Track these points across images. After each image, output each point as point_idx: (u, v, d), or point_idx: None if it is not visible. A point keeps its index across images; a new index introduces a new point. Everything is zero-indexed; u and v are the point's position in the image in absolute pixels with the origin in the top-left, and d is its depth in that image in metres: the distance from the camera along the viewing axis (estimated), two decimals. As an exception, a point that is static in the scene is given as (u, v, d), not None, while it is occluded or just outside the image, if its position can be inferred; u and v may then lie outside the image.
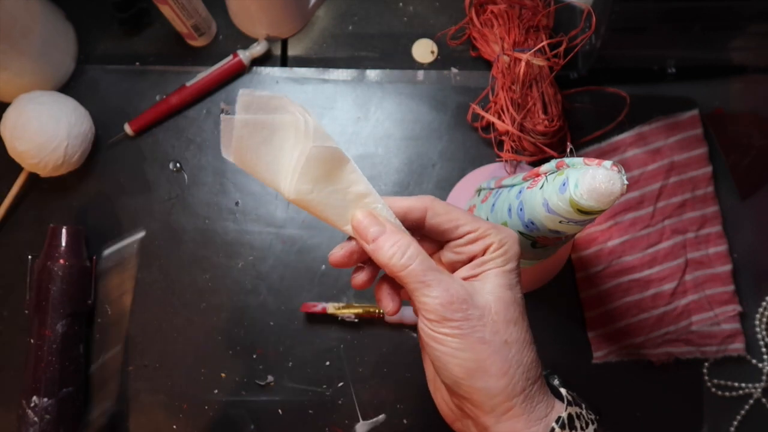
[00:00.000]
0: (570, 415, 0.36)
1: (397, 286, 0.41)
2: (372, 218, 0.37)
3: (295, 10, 0.68)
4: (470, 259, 0.39)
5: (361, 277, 0.40)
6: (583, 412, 0.37)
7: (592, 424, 0.37)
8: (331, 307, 0.63)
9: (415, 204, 0.38)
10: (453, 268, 0.40)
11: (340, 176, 0.36)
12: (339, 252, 0.39)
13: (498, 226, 0.39)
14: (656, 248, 0.64)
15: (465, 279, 0.38)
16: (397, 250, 0.36)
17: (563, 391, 0.38)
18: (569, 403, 0.37)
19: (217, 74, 0.67)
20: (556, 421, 0.36)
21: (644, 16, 0.61)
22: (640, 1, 0.58)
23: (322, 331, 0.64)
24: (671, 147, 0.65)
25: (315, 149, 0.34)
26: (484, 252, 0.38)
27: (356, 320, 0.63)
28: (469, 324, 0.35)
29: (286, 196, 0.36)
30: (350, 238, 0.39)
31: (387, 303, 0.40)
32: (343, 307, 0.63)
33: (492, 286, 0.37)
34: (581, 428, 0.36)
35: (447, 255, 0.40)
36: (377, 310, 0.62)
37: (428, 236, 0.40)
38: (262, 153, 0.35)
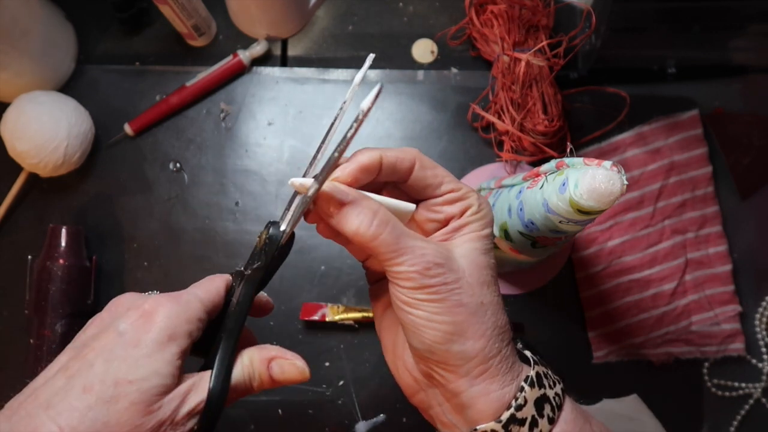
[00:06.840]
0: (538, 374, 0.36)
1: None
2: (334, 189, 0.35)
3: (295, 10, 0.68)
4: (447, 220, 0.38)
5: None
6: (550, 372, 0.38)
7: (559, 383, 0.37)
8: (330, 314, 0.63)
9: (404, 155, 0.37)
10: (425, 228, 0.39)
11: None
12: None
13: (477, 193, 0.38)
14: (656, 248, 0.64)
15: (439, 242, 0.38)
16: (364, 218, 0.34)
17: (527, 353, 0.38)
18: (536, 363, 0.37)
19: (217, 74, 0.67)
20: (525, 380, 0.36)
21: (644, 16, 0.61)
22: (640, 1, 0.58)
23: (322, 331, 0.64)
24: (671, 147, 0.65)
25: None
26: (461, 214, 0.37)
27: (356, 326, 0.63)
28: (447, 288, 0.35)
29: None
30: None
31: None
32: (343, 312, 0.63)
33: (466, 250, 0.37)
34: (550, 386, 0.36)
35: (422, 213, 0.39)
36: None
37: (407, 192, 0.39)
38: None
